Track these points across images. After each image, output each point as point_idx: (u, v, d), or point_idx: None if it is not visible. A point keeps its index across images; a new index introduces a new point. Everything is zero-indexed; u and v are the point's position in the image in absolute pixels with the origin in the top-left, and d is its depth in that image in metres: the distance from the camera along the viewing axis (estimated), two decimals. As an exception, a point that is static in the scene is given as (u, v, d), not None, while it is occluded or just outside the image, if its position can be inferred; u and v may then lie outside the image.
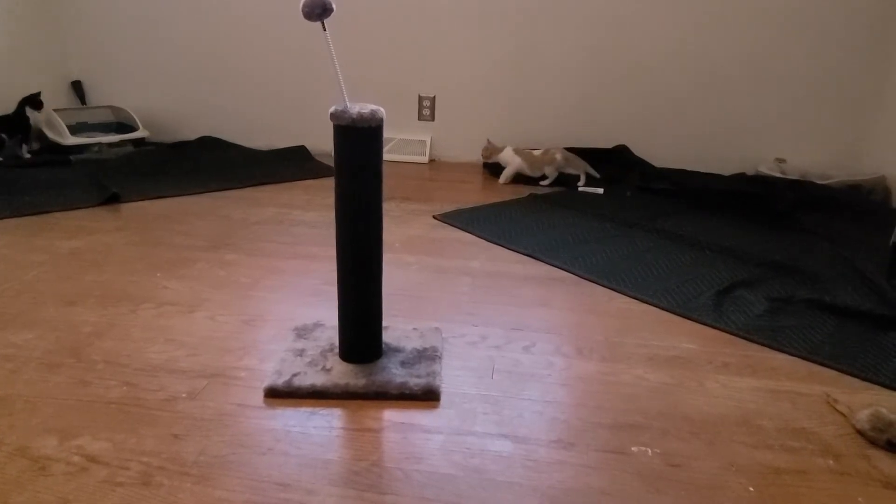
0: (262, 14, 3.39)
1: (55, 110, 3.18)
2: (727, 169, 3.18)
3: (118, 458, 1.10)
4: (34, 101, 3.09)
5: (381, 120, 1.21)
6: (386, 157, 3.45)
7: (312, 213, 2.51)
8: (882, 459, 1.18)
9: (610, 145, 3.29)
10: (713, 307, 1.75)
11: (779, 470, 1.14)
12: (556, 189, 2.97)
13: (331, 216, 2.29)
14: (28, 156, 3.04)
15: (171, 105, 3.58)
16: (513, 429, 1.23)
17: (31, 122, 3.09)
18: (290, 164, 3.21)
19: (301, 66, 3.45)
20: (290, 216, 2.46)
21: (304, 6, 1.12)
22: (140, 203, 2.54)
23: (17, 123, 3.05)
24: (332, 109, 1.19)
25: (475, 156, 3.41)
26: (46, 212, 2.37)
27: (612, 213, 2.60)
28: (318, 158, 3.34)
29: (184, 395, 1.29)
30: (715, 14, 3.10)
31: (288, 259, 2.03)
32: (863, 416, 1.25)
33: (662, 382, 1.41)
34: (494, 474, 1.10)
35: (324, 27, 1.15)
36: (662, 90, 3.24)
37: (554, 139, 3.31)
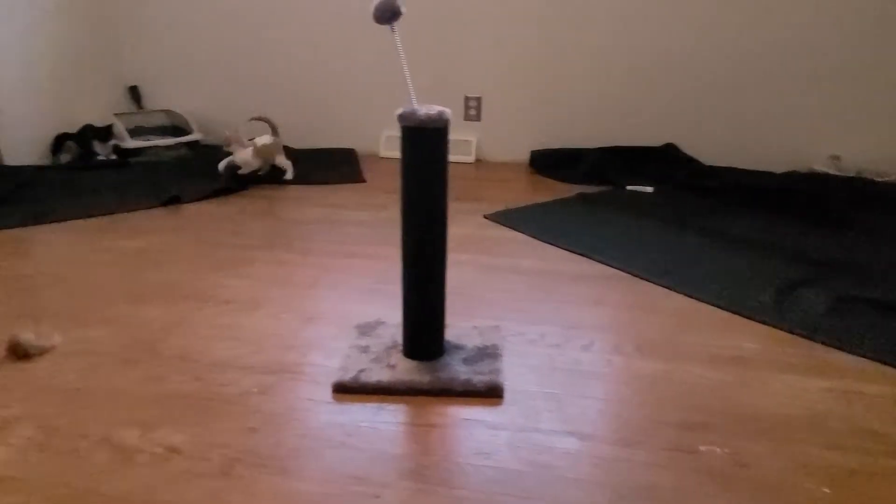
0: (308, 21, 3.45)
1: (115, 115, 3.29)
2: (779, 166, 3.11)
3: (198, 449, 1.14)
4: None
5: (448, 121, 1.22)
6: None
7: (362, 213, 2.55)
8: (961, 462, 1.15)
9: (657, 143, 3.26)
10: (773, 307, 1.73)
11: (853, 471, 1.12)
12: (604, 188, 2.95)
13: (380, 216, 2.32)
14: (112, 156, 3.17)
15: (222, 108, 3.67)
16: (577, 426, 1.23)
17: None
18: (339, 164, 3.26)
19: (347, 70, 3.51)
20: (341, 216, 2.50)
21: (376, 10, 1.15)
22: (196, 204, 2.62)
23: (107, 129, 3.20)
24: (399, 111, 1.22)
25: (521, 155, 3.42)
26: (111, 213, 2.46)
27: (661, 211, 2.58)
28: (364, 159, 3.39)
29: (255, 391, 1.33)
30: (764, 2, 3.04)
31: (341, 258, 2.07)
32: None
33: (725, 382, 1.39)
34: (562, 471, 1.11)
35: (393, 29, 1.17)
36: (710, 85, 3.19)
37: (599, 137, 3.30)
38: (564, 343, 1.55)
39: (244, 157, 2.84)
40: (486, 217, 2.50)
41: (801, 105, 3.12)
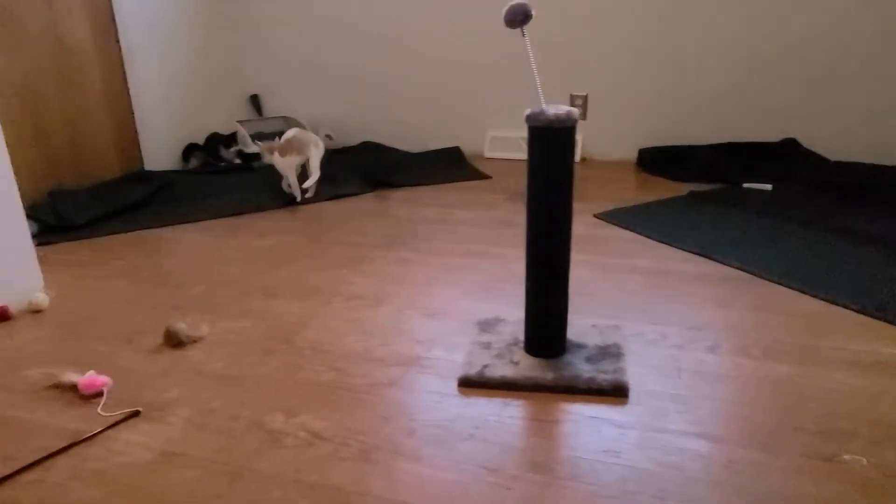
0: (416, 28, 3.55)
1: (238, 122, 3.53)
2: (916, 160, 2.88)
3: (338, 435, 1.22)
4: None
5: (576, 120, 1.24)
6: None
7: (472, 212, 2.59)
8: None
9: (776, 139, 3.11)
10: (918, 311, 1.61)
11: None
12: (717, 186, 2.85)
13: (490, 215, 2.35)
14: (237, 161, 3.42)
15: (334, 113, 3.84)
16: (708, 429, 1.21)
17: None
18: (446, 165, 3.33)
19: (450, 74, 3.57)
20: (453, 216, 2.56)
21: (507, 14, 1.18)
22: (316, 204, 2.76)
23: (231, 136, 3.46)
24: (527, 112, 1.24)
25: (628, 153, 3.36)
26: (238, 213, 2.64)
27: (783, 210, 2.46)
28: (471, 159, 3.45)
29: (385, 382, 1.39)
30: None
31: (457, 257, 2.12)
32: None
33: (868, 389, 1.32)
34: (695, 473, 1.10)
35: (523, 33, 1.20)
36: (834, 74, 3.00)
37: (711, 134, 3.18)
38: (687, 344, 1.52)
39: (277, 163, 2.72)
40: (595, 216, 2.48)
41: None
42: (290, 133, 2.74)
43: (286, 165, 2.68)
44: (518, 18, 1.17)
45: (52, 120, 2.79)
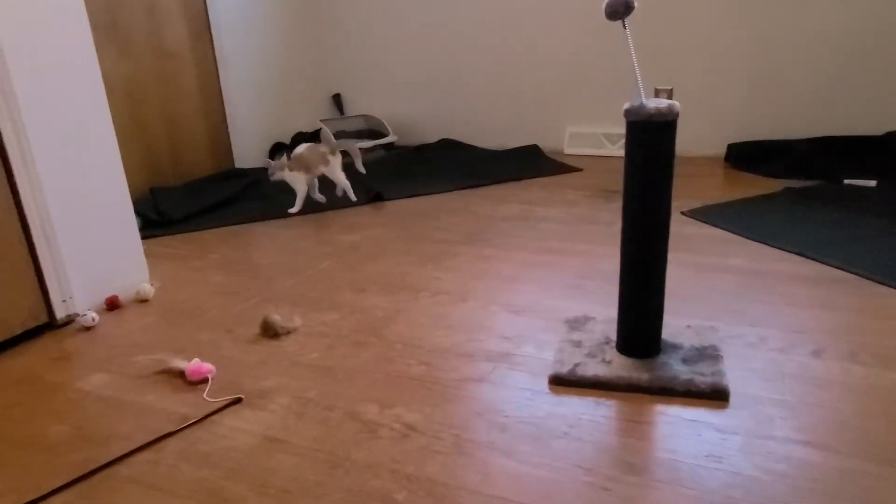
0: (493, 26, 3.54)
1: (321, 121, 3.63)
2: None
3: (431, 428, 1.23)
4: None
5: (677, 114, 1.20)
6: (621, 152, 3.43)
7: (554, 209, 2.57)
8: None
9: (879, 132, 2.92)
10: None
11: None
12: (813, 183, 2.70)
13: (572, 212, 2.32)
14: None
15: (413, 111, 3.89)
16: (817, 437, 1.15)
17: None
18: (525, 162, 3.31)
19: (527, 71, 3.55)
20: (534, 212, 2.54)
21: (608, 6, 1.15)
22: (398, 201, 2.80)
23: (315, 134, 3.58)
24: (626, 105, 1.22)
25: (715, 149, 3.24)
26: (323, 210, 2.71)
27: (889, 207, 2.31)
28: (549, 156, 3.42)
29: (475, 377, 1.40)
30: None
31: (540, 254, 2.10)
32: None
33: None
34: (805, 482, 1.05)
35: (624, 25, 1.18)
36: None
37: (806, 128, 3.02)
38: (790, 348, 1.45)
39: (288, 178, 2.68)
40: (683, 213, 2.40)
41: None
42: (300, 149, 2.70)
43: (295, 180, 2.68)
44: (620, 10, 1.15)
45: (153, 120, 2.96)
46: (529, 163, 3.30)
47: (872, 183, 2.61)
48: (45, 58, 1.67)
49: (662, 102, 1.19)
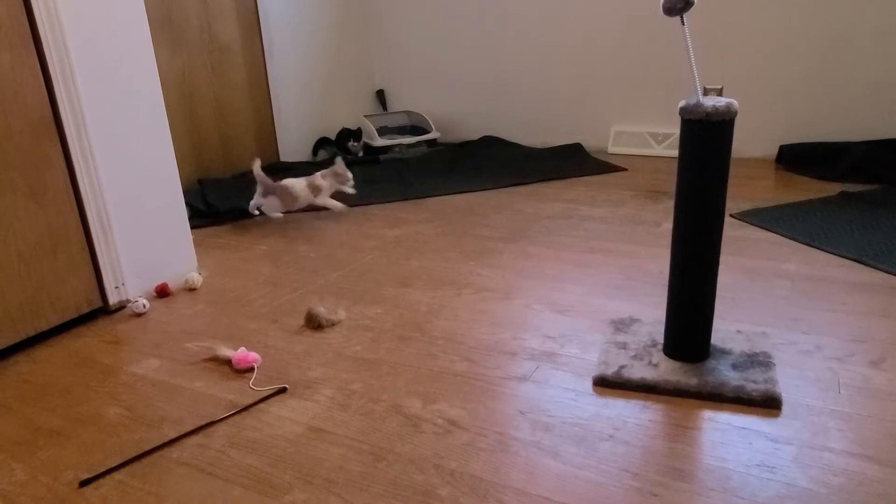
0: (536, 23, 3.51)
1: (365, 116, 3.65)
2: None
3: (475, 425, 1.23)
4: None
5: (736, 113, 1.17)
6: (668, 152, 3.38)
7: (599, 208, 2.53)
8: None
9: (944, 135, 2.80)
10: None
11: None
12: (871, 187, 2.61)
13: (617, 212, 2.29)
14: (361, 153, 3.54)
15: (455, 108, 3.88)
16: (877, 451, 1.11)
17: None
18: (569, 161, 3.27)
19: (572, 68, 3.50)
20: (578, 211, 2.51)
21: (666, 1, 1.13)
22: (441, 197, 2.80)
23: (359, 130, 3.60)
24: (682, 103, 1.19)
25: (767, 151, 3.15)
26: (368, 204, 2.73)
27: (954, 214, 2.21)
28: (593, 155, 3.38)
29: (518, 375, 1.39)
30: None
31: (585, 253, 2.08)
32: None
33: None
34: (865, 497, 1.01)
35: (682, 21, 1.15)
36: None
37: (863, 130, 2.91)
38: (847, 357, 1.40)
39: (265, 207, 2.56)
40: (733, 216, 2.34)
41: None
42: (284, 183, 2.53)
43: (270, 209, 2.56)
44: (679, 6, 1.12)
45: (204, 113, 3.02)
46: (573, 161, 3.26)
47: (935, 188, 2.50)
48: (106, 53, 1.72)
49: (720, 101, 1.16)
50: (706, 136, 1.19)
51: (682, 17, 1.15)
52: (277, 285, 1.95)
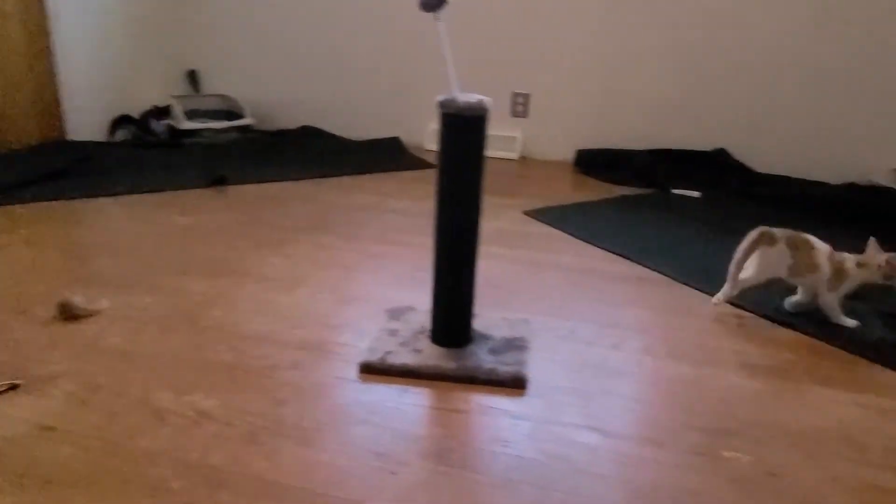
0: (359, 11, 3.50)
1: (173, 97, 3.41)
2: (835, 178, 3.00)
3: (226, 415, 1.18)
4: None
5: (487, 110, 1.23)
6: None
7: (405, 202, 2.57)
8: None
9: (708, 148, 3.19)
10: (818, 318, 1.67)
11: (885, 490, 1.08)
12: (649, 191, 2.91)
13: (422, 206, 2.34)
14: (165, 136, 3.28)
15: (274, 95, 3.75)
16: (601, 423, 1.22)
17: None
18: (385, 155, 3.30)
19: (395, 61, 3.54)
20: (384, 204, 2.53)
21: (421, -3, 1.16)
22: (245, 186, 2.69)
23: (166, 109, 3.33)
24: (439, 98, 1.23)
25: (567, 154, 3.39)
26: (162, 190, 2.55)
27: (707, 217, 2.52)
28: (410, 150, 3.43)
29: (286, 364, 1.36)
30: (825, 7, 2.93)
31: (382, 244, 2.10)
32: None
33: (758, 391, 1.36)
34: (582, 465, 1.11)
35: (437, 19, 1.19)
36: (766, 91, 3.10)
37: (648, 139, 3.24)
38: (595, 341, 1.54)
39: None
40: (525, 213, 2.49)
41: (862, 115, 3.00)
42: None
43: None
44: (432, 3, 1.16)
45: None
46: (389, 156, 3.30)
47: (697, 194, 2.84)
48: None
49: (474, 97, 1.21)
50: (461, 130, 1.24)
51: (436, 15, 1.19)
52: (35, 273, 1.75)
